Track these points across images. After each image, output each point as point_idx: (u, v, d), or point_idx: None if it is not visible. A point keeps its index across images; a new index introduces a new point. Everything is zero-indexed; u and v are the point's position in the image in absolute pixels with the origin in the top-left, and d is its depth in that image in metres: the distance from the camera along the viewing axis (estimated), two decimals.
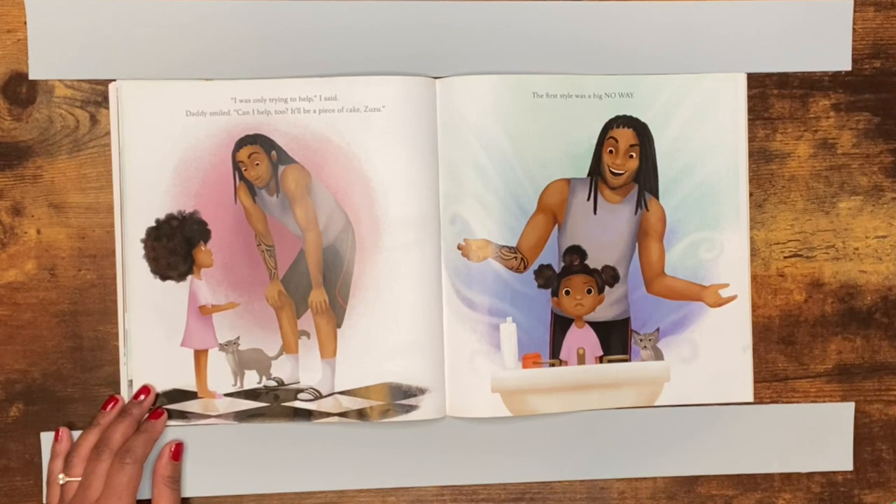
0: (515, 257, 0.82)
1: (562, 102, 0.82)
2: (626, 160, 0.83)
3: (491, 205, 0.81)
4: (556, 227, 0.83)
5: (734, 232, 0.84)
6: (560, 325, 0.84)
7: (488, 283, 0.82)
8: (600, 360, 0.84)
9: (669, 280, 0.85)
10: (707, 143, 0.84)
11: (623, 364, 0.85)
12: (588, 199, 0.84)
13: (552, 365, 0.84)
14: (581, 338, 0.84)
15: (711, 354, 0.85)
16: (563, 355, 0.84)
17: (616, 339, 0.85)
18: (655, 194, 0.84)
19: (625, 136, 0.83)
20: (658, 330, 0.85)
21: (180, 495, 0.81)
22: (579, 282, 0.84)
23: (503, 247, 0.82)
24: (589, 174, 0.83)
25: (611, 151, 0.83)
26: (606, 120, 0.83)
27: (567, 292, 0.84)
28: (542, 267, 0.83)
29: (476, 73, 0.82)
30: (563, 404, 0.83)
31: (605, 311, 0.85)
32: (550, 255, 0.83)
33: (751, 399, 0.85)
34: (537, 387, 0.83)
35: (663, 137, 0.84)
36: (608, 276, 0.84)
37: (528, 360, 0.83)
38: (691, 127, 0.84)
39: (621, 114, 0.83)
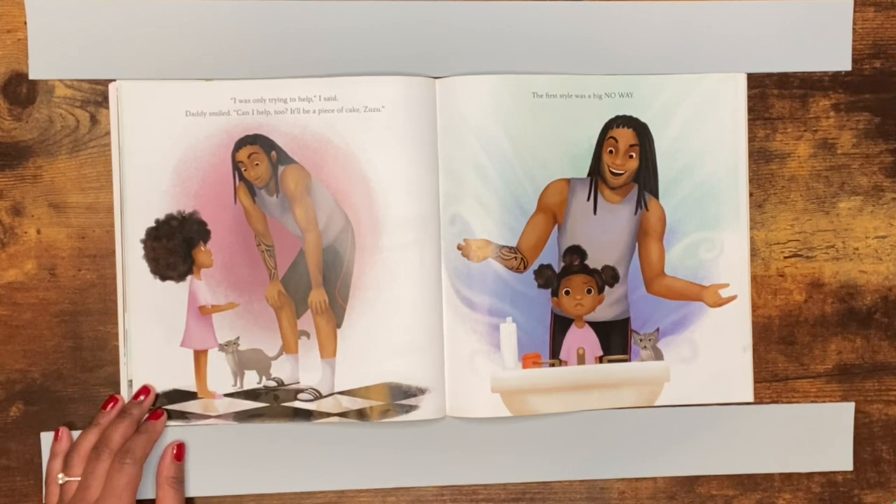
0: (515, 257, 0.82)
1: (562, 102, 0.82)
2: (626, 160, 0.83)
3: (491, 205, 0.81)
4: (556, 227, 0.83)
5: (734, 232, 0.84)
6: (560, 325, 0.84)
7: (488, 284, 0.82)
8: (600, 360, 0.84)
9: (669, 280, 0.84)
10: (707, 143, 0.83)
11: (623, 364, 0.84)
12: (588, 199, 0.83)
13: (552, 365, 0.83)
14: (581, 338, 0.84)
15: (711, 355, 0.84)
16: (562, 355, 0.84)
17: (616, 339, 0.84)
18: (655, 194, 0.84)
19: (625, 136, 0.83)
20: (658, 330, 0.84)
21: (184, 495, 0.81)
22: (579, 282, 0.84)
23: (503, 247, 0.82)
24: (589, 174, 0.83)
25: (611, 151, 0.83)
26: (606, 120, 0.83)
27: (567, 292, 0.84)
28: (542, 267, 0.83)
29: (476, 73, 0.81)
30: (563, 404, 0.83)
31: (605, 311, 0.84)
32: (550, 255, 0.83)
33: (751, 399, 0.85)
34: (537, 387, 0.83)
35: (663, 137, 0.83)
36: (608, 276, 0.84)
37: (528, 361, 0.83)
38: (691, 127, 0.83)
39: (621, 114, 0.83)
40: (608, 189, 0.84)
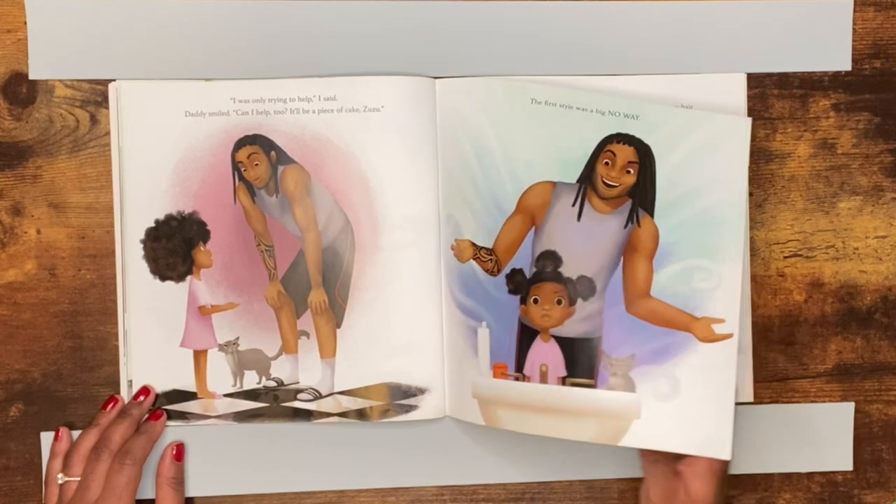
0: (491, 259, 0.79)
1: (561, 111, 0.78)
2: (623, 174, 0.77)
3: (475, 205, 0.80)
4: (534, 230, 0.79)
5: (734, 267, 0.76)
6: (526, 336, 0.79)
7: (470, 285, 0.80)
8: (563, 381, 0.78)
9: (655, 303, 0.77)
10: (713, 176, 0.77)
11: (587, 390, 0.78)
12: (573, 205, 0.78)
13: (516, 379, 0.79)
14: (545, 353, 0.79)
15: (694, 397, 0.77)
16: (526, 370, 0.79)
17: (582, 360, 0.78)
18: (651, 212, 0.78)
19: (624, 152, 0.77)
20: (633, 356, 0.78)
21: (184, 496, 0.81)
22: (549, 290, 0.78)
23: (482, 248, 0.79)
24: (579, 181, 0.78)
25: (606, 163, 0.78)
26: (606, 134, 0.78)
27: (535, 300, 0.78)
28: (513, 271, 0.79)
29: (476, 73, 0.81)
30: (526, 424, 0.79)
31: (574, 325, 0.78)
32: (524, 260, 0.79)
33: (751, 399, 0.85)
34: (504, 400, 0.79)
35: (666, 162, 0.77)
36: (583, 288, 0.78)
37: (498, 370, 0.79)
38: (697, 158, 0.77)
39: (623, 132, 0.78)
40: (597, 198, 0.78)
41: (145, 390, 0.81)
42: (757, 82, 0.84)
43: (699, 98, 0.83)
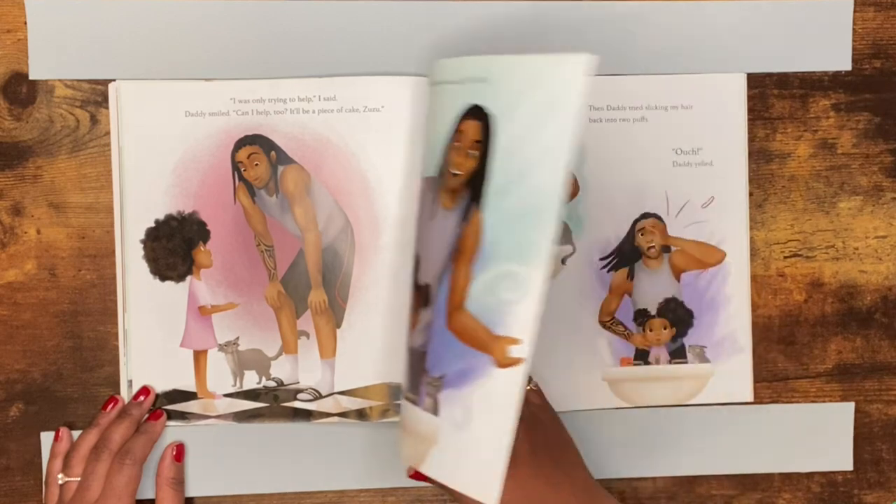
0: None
1: (436, 90, 0.70)
2: (466, 159, 0.66)
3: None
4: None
5: (540, 273, 0.61)
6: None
7: None
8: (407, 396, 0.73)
9: (465, 316, 0.65)
10: (544, 147, 0.61)
11: (412, 408, 0.71)
12: (432, 201, 0.70)
13: None
14: (406, 365, 0.74)
15: (482, 430, 0.65)
16: None
17: (412, 376, 0.71)
18: (478, 203, 0.65)
19: (471, 128, 0.65)
20: (443, 377, 0.67)
21: (184, 496, 0.81)
22: (415, 297, 0.73)
23: None
24: (439, 173, 0.69)
25: (456, 146, 0.67)
26: (462, 109, 0.66)
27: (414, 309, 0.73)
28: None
29: None
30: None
31: (415, 337, 0.71)
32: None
33: (751, 399, 0.85)
34: None
35: (506, 133, 0.63)
36: (422, 296, 0.69)
37: None
38: (534, 122, 0.61)
39: (474, 102, 0.65)
40: (444, 191, 0.68)
41: (145, 390, 0.81)
42: (757, 82, 0.84)
43: (699, 98, 0.83)
